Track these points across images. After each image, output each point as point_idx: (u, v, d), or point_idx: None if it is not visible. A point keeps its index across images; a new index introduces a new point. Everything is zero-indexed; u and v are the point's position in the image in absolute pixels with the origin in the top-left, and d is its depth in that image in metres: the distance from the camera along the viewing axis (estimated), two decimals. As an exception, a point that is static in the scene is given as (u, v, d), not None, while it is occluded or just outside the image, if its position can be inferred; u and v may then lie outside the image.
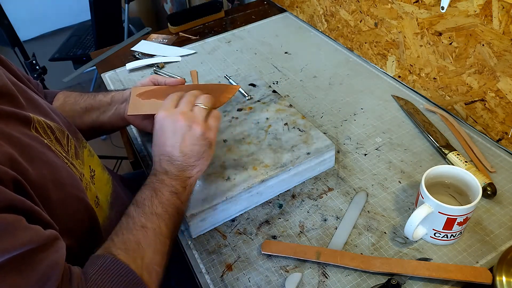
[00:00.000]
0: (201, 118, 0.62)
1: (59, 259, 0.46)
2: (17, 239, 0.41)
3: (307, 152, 0.75)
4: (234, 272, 0.66)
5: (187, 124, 0.61)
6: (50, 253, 0.45)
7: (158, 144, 0.62)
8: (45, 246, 0.44)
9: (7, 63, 0.67)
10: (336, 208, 0.73)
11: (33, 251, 0.43)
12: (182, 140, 0.60)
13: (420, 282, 0.62)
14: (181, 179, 0.61)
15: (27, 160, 0.50)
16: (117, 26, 2.21)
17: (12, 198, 0.43)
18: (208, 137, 0.62)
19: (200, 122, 0.61)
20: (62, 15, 3.25)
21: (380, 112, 0.93)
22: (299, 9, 1.28)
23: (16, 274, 0.41)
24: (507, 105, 0.77)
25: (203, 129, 0.61)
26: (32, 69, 1.66)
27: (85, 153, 0.67)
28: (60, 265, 0.45)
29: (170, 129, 0.61)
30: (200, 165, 0.63)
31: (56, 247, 0.46)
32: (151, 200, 0.58)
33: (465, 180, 0.66)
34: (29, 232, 0.43)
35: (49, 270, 0.44)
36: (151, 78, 0.77)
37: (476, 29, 0.76)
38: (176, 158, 0.61)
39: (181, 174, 0.61)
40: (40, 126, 0.57)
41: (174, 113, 0.62)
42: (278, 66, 1.10)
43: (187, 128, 0.61)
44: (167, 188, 0.60)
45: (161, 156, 0.62)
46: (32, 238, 0.43)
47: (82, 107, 0.80)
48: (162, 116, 0.62)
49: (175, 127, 0.61)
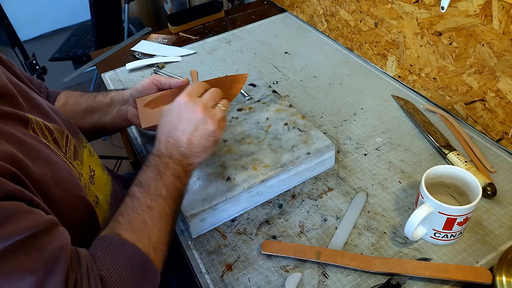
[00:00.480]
0: (218, 117, 0.64)
1: (65, 241, 0.46)
2: (20, 223, 0.42)
3: (307, 152, 0.75)
4: (234, 272, 0.66)
5: (204, 117, 0.62)
6: (55, 235, 0.46)
7: (169, 125, 0.63)
8: (49, 229, 0.45)
9: (7, 63, 0.67)
10: (336, 208, 0.73)
11: (38, 234, 0.43)
12: (194, 130, 0.62)
13: (420, 282, 0.62)
14: (183, 164, 0.62)
15: (27, 157, 0.50)
16: (117, 26, 2.21)
17: (11, 188, 0.43)
18: (217, 136, 0.64)
19: (216, 120, 0.63)
20: (62, 15, 3.25)
21: (380, 112, 0.93)
22: (299, 9, 1.28)
23: (24, 256, 0.41)
24: (507, 105, 0.77)
25: (216, 128, 0.63)
26: (32, 69, 1.66)
27: (85, 153, 0.67)
28: (67, 247, 0.46)
29: (187, 116, 0.62)
30: (201, 156, 0.64)
31: (59, 230, 0.47)
32: (155, 182, 0.59)
33: (465, 180, 0.66)
34: (31, 216, 0.44)
35: (56, 252, 0.44)
36: (152, 79, 0.76)
37: (476, 29, 0.76)
38: (183, 144, 0.62)
39: (184, 160, 0.63)
40: (38, 126, 0.57)
41: (197, 102, 0.63)
42: (278, 66, 1.10)
43: (203, 121, 0.62)
44: (171, 171, 0.61)
45: (168, 138, 0.62)
46: (35, 221, 0.44)
47: (83, 108, 0.80)
48: (184, 101, 0.63)
49: (193, 115, 0.62)
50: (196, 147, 0.62)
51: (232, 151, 0.77)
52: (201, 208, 0.68)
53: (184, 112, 0.62)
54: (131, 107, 0.78)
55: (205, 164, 0.75)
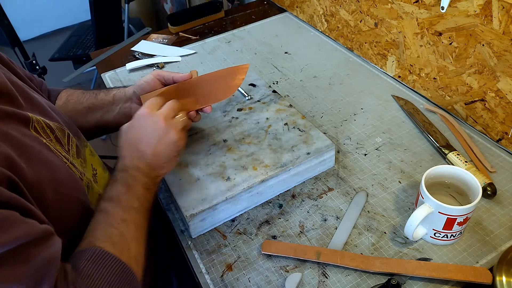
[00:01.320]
0: (179, 127, 0.65)
1: (55, 254, 0.46)
2: (12, 233, 0.41)
3: (307, 152, 0.75)
4: (234, 272, 0.66)
5: (166, 128, 0.64)
6: (46, 247, 0.45)
7: (132, 139, 0.64)
8: (40, 240, 0.45)
9: (8, 62, 0.67)
10: (336, 208, 0.73)
11: (29, 245, 0.43)
12: (158, 141, 0.63)
13: (420, 282, 0.62)
14: (151, 176, 0.63)
15: (24, 159, 0.49)
16: (117, 26, 2.21)
17: (6, 196, 0.43)
18: (180, 145, 0.66)
19: (178, 130, 0.65)
20: (62, 15, 3.25)
21: (380, 112, 0.93)
22: (299, 9, 1.28)
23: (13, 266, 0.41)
24: (507, 105, 0.77)
25: (178, 137, 0.65)
26: (32, 69, 1.67)
27: (87, 152, 0.67)
28: (56, 261, 0.45)
29: (149, 129, 0.63)
30: (167, 167, 0.66)
31: (51, 241, 0.46)
32: (127, 195, 0.59)
33: (465, 180, 0.66)
34: (24, 226, 0.43)
35: (46, 264, 0.44)
36: (155, 74, 0.76)
37: (476, 29, 0.76)
38: (148, 157, 0.63)
39: (151, 172, 0.63)
40: (39, 125, 0.57)
41: (157, 114, 0.64)
42: (278, 66, 1.10)
43: (166, 132, 0.64)
44: (140, 184, 0.62)
45: (133, 153, 0.63)
46: (27, 232, 0.43)
47: (85, 106, 0.80)
48: (145, 114, 0.64)
49: (155, 126, 0.63)
50: (161, 158, 0.64)
51: (232, 151, 0.77)
52: (201, 208, 0.68)
53: (146, 125, 0.64)
54: (135, 104, 0.78)
55: (205, 164, 0.75)
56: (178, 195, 0.70)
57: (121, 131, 0.65)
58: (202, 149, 0.78)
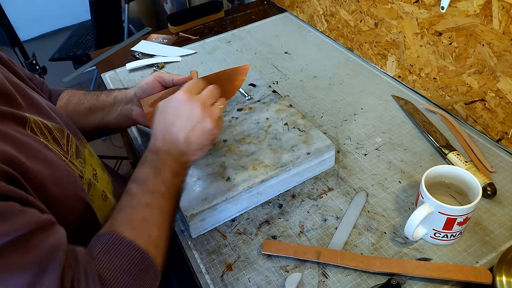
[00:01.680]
0: (216, 116, 0.63)
1: (60, 240, 0.46)
2: (13, 222, 0.42)
3: (307, 152, 0.75)
4: (234, 272, 0.66)
5: (203, 115, 0.62)
6: (50, 234, 0.45)
7: (166, 121, 0.62)
8: (44, 228, 0.45)
9: (7, 62, 0.67)
10: (336, 208, 0.73)
11: (31, 233, 0.43)
12: (192, 127, 0.61)
13: (420, 282, 0.62)
14: (180, 162, 0.62)
15: (25, 157, 0.50)
16: (117, 26, 2.21)
17: (4, 189, 0.43)
18: (214, 134, 0.64)
19: (214, 119, 0.63)
20: (62, 15, 3.25)
21: (380, 112, 0.93)
22: (299, 9, 1.28)
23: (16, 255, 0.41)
24: (507, 105, 0.77)
25: (214, 126, 0.63)
26: (32, 69, 1.66)
27: (86, 153, 0.67)
28: (62, 246, 0.45)
29: (185, 113, 0.62)
30: (198, 154, 0.64)
31: (54, 229, 0.46)
32: (154, 179, 0.59)
33: (465, 180, 0.66)
34: (25, 216, 0.43)
35: (50, 251, 0.44)
36: (156, 76, 0.75)
37: (476, 29, 0.76)
38: (180, 142, 0.61)
39: (181, 157, 0.62)
40: (36, 126, 0.57)
41: (195, 99, 0.62)
42: (278, 66, 1.10)
43: (202, 119, 0.62)
44: (168, 168, 0.60)
45: (166, 134, 0.62)
46: (28, 221, 0.43)
47: (86, 107, 0.80)
48: (182, 98, 0.62)
49: (191, 113, 0.61)
50: (193, 145, 0.62)
51: (232, 151, 0.77)
52: (201, 208, 0.68)
53: (182, 109, 0.62)
54: (136, 106, 0.77)
55: (205, 164, 0.75)
56: (178, 195, 0.70)
57: (158, 109, 0.64)
58: (202, 149, 0.78)
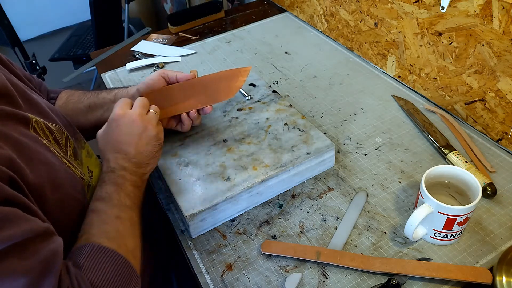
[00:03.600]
0: (155, 122, 0.67)
1: (58, 249, 0.46)
2: (17, 228, 0.42)
3: (307, 152, 0.75)
4: (234, 272, 0.66)
5: (144, 125, 0.65)
6: (49, 243, 0.46)
7: (112, 141, 0.65)
8: (44, 236, 0.45)
9: (7, 63, 0.67)
10: (336, 208, 0.73)
11: (33, 239, 0.43)
12: (138, 139, 0.64)
13: (420, 282, 0.62)
14: (138, 174, 0.64)
15: (25, 161, 0.50)
16: (117, 26, 2.21)
17: (9, 193, 0.43)
18: (160, 138, 0.67)
19: (154, 125, 0.66)
20: (62, 15, 3.25)
21: (380, 112, 0.93)
22: (299, 9, 1.28)
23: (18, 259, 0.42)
24: (507, 105, 0.77)
25: (157, 131, 0.66)
26: (32, 69, 1.67)
27: (83, 154, 0.67)
28: (60, 255, 0.46)
29: (127, 129, 0.64)
30: (152, 163, 0.67)
31: (54, 238, 0.47)
32: (118, 194, 0.60)
33: (465, 180, 0.66)
34: (27, 222, 0.44)
35: (51, 256, 0.44)
36: (161, 73, 0.78)
37: (476, 29, 0.76)
38: (132, 155, 0.64)
39: (138, 170, 0.64)
40: (38, 126, 0.57)
41: (131, 114, 0.65)
42: (278, 66, 1.10)
43: (143, 129, 0.65)
44: (130, 182, 0.62)
45: (116, 154, 0.64)
46: (31, 227, 0.44)
47: (86, 105, 0.80)
48: (119, 115, 0.65)
49: (132, 126, 0.64)
50: (145, 155, 0.65)
51: (232, 151, 0.77)
52: (201, 208, 0.68)
53: (123, 125, 0.64)
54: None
55: (205, 164, 0.75)
56: (178, 195, 0.70)
57: (98, 137, 0.67)
58: (202, 149, 0.78)
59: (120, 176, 0.62)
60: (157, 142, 0.66)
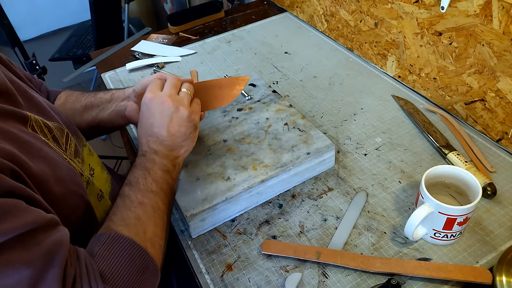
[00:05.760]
0: (186, 102, 0.64)
1: (63, 238, 0.46)
2: (19, 219, 0.42)
3: (307, 152, 0.75)
4: (234, 272, 0.66)
5: (174, 106, 0.63)
6: (54, 233, 0.46)
7: (145, 125, 0.64)
8: (48, 227, 0.45)
9: (7, 63, 0.67)
10: (336, 208, 0.73)
11: (36, 231, 0.43)
12: (169, 121, 0.63)
13: (420, 282, 0.62)
14: (170, 158, 0.63)
15: (27, 155, 0.50)
16: (117, 26, 2.21)
17: (11, 185, 0.43)
18: (194, 119, 0.65)
19: (186, 105, 0.64)
20: (62, 15, 3.25)
21: (380, 112, 0.93)
22: (299, 9, 1.28)
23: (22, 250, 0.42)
24: (507, 105, 0.77)
25: (189, 111, 0.64)
26: (32, 69, 1.66)
27: (85, 152, 0.67)
28: (65, 243, 0.46)
29: (157, 111, 0.63)
30: (186, 145, 0.65)
31: (58, 228, 0.47)
32: (145, 179, 0.60)
33: (465, 180, 0.66)
34: (31, 213, 0.44)
35: (54, 247, 0.44)
36: (159, 76, 0.76)
37: (476, 29, 0.76)
38: (164, 138, 0.63)
39: (170, 153, 0.63)
40: (37, 124, 0.57)
41: (161, 95, 0.64)
42: (278, 66, 1.10)
43: (175, 110, 0.63)
44: (159, 166, 0.61)
45: (148, 137, 0.63)
46: (34, 219, 0.44)
47: (82, 105, 0.80)
48: (149, 98, 0.64)
49: (162, 108, 0.63)
50: (178, 136, 0.63)
51: (232, 151, 0.77)
52: (201, 208, 0.68)
53: (154, 108, 0.63)
54: (131, 102, 0.77)
55: (205, 164, 0.75)
56: (178, 195, 0.70)
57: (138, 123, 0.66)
58: (202, 149, 0.78)
59: (150, 160, 0.61)
60: (190, 124, 0.64)
